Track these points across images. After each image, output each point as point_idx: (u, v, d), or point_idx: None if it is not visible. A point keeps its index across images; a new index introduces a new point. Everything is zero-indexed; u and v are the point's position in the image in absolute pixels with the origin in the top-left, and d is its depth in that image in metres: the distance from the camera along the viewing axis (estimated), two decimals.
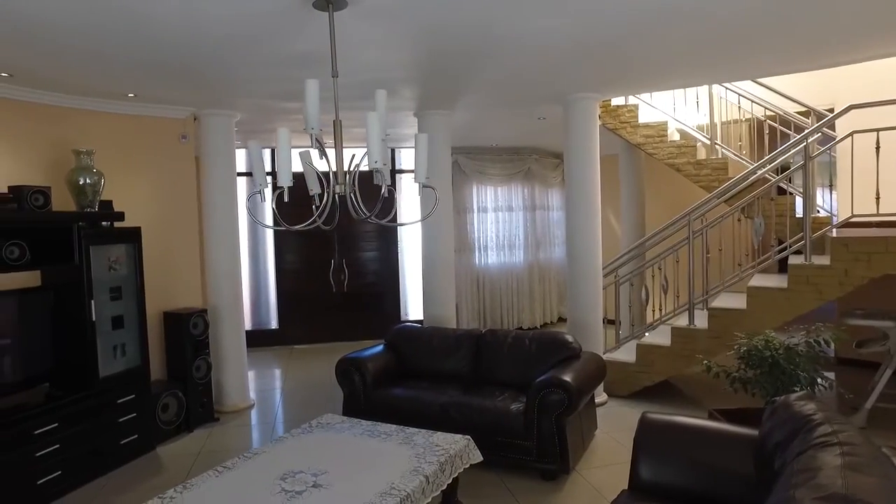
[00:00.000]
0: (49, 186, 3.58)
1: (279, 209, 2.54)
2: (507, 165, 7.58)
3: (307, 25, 2.92)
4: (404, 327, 4.74)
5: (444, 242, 5.27)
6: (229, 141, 5.04)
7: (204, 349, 4.67)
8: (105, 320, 3.84)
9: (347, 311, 7.53)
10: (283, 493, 2.53)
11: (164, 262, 4.67)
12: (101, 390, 3.76)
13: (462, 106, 5.06)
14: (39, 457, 3.37)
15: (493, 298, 7.66)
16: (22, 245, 3.40)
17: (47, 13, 2.64)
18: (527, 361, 4.07)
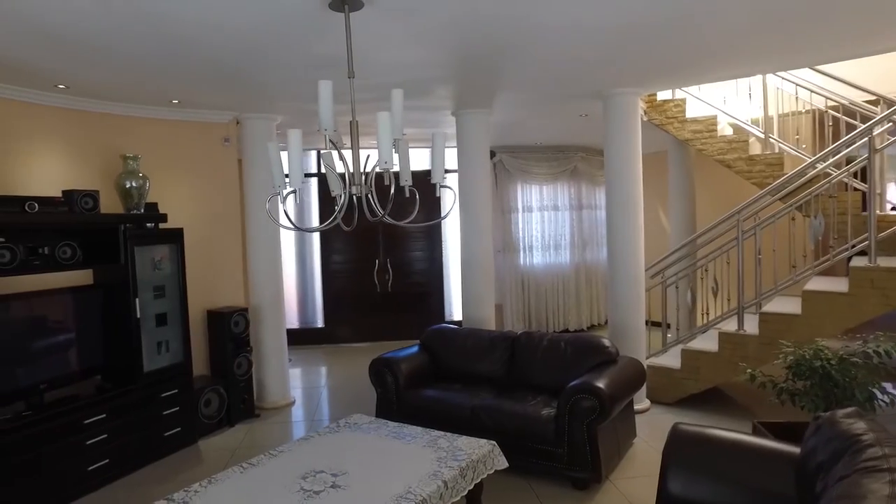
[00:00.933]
0: (97, 190, 3.77)
1: (322, 208, 2.55)
2: (552, 164, 7.42)
3: (332, 28, 2.94)
4: (439, 328, 4.71)
5: (483, 242, 5.20)
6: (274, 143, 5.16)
7: (245, 347, 4.80)
8: (149, 317, 4.01)
9: (392, 311, 7.58)
10: (302, 493, 2.55)
11: (208, 261, 4.84)
12: (145, 384, 3.93)
13: (500, 104, 4.98)
14: (90, 445, 3.56)
15: (539, 300, 7.52)
16: (73, 245, 3.60)
17: (99, 31, 2.83)
18: (562, 365, 3.95)
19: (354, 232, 7.32)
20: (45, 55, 3.18)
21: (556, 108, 5.23)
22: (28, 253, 3.38)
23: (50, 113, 3.94)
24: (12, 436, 3.20)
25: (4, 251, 3.26)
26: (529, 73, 4.00)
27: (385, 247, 7.61)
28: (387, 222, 2.65)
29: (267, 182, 5.06)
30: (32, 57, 3.20)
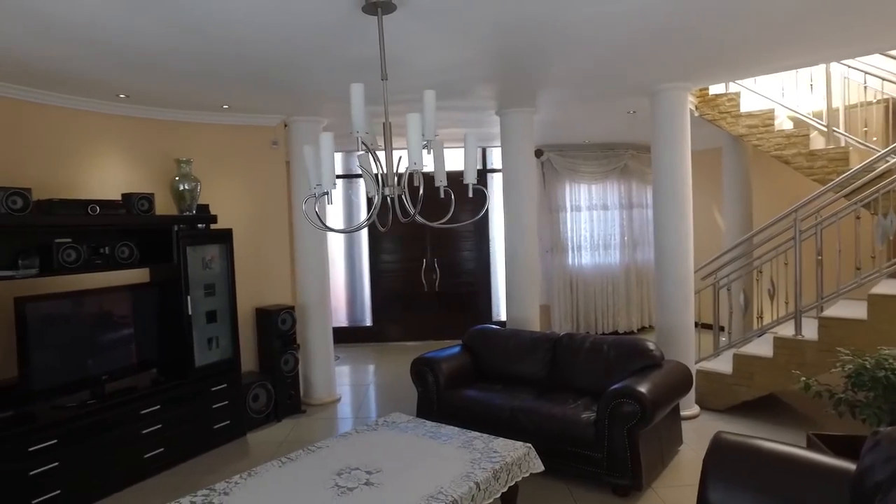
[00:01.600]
0: (153, 193, 3.96)
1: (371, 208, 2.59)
2: (601, 162, 7.26)
3: (371, 31, 2.97)
4: (481, 328, 4.69)
5: (527, 242, 5.14)
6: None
7: (291, 344, 4.94)
8: (200, 314, 4.18)
9: (439, 310, 7.61)
10: (336, 489, 2.59)
11: (257, 260, 5.00)
12: (196, 378, 4.10)
13: (544, 103, 4.91)
14: (145, 434, 3.76)
15: (588, 300, 7.37)
16: (130, 245, 3.80)
17: (158, 46, 3.04)
18: (604, 368, 3.86)
19: (402, 232, 7.45)
20: (109, 68, 3.39)
21: (602, 106, 5.11)
22: (91, 252, 3.60)
23: (112, 120, 4.18)
24: (79, 422, 3.42)
25: (70, 251, 3.48)
26: (570, 71, 3.92)
27: (433, 246, 7.66)
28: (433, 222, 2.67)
29: (306, 181, 5.23)
30: (98, 70, 3.42)
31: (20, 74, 3.45)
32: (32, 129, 3.77)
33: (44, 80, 3.57)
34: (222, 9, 2.59)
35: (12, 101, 3.65)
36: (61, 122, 3.91)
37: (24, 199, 3.23)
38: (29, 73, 3.43)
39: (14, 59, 3.16)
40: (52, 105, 3.85)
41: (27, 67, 3.31)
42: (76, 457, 3.38)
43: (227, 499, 2.55)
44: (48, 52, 3.06)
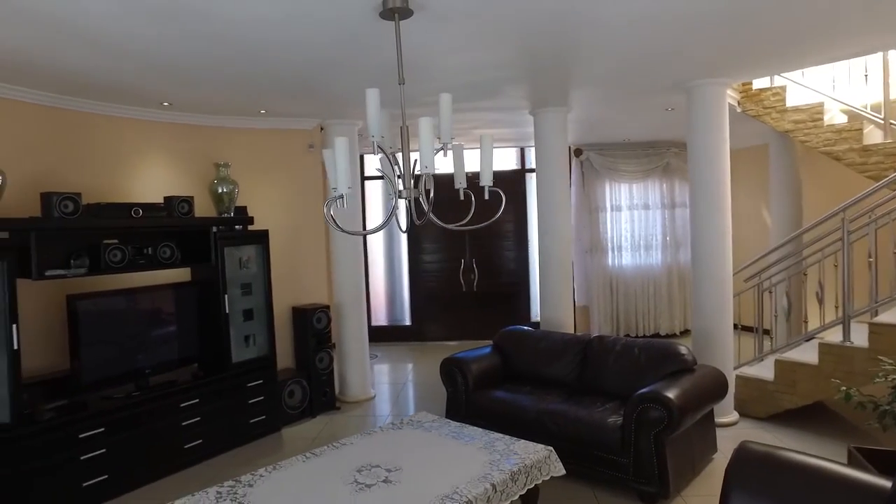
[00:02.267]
0: (192, 196, 4.14)
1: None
2: (642, 161, 7.08)
3: (392, 36, 3.01)
4: (512, 329, 4.67)
5: (560, 243, 5.09)
6: (353, 148, 5.40)
7: (326, 342, 5.06)
8: (237, 313, 4.35)
9: (477, 310, 7.62)
10: (354, 485, 2.65)
11: (294, 260, 5.15)
12: (233, 374, 4.26)
13: (578, 101, 4.84)
14: (184, 426, 3.94)
15: (628, 302, 7.21)
16: (171, 246, 3.99)
17: (200, 60, 3.24)
18: (635, 372, 3.78)
19: (441, 232, 7.47)
20: (153, 79, 3.60)
21: (638, 103, 4.99)
22: (135, 253, 3.80)
23: (156, 127, 4.40)
24: (124, 412, 3.63)
25: (116, 251, 3.69)
26: (601, 68, 3.85)
27: (471, 247, 7.67)
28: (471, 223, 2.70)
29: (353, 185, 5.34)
30: (143, 81, 3.63)
31: (72, 87, 3.68)
32: (83, 137, 4.01)
33: (94, 92, 3.80)
34: (245, 18, 2.69)
35: (64, 112, 3.90)
36: (110, 130, 4.15)
37: (75, 203, 3.44)
38: (80, 86, 3.66)
39: (66, 74, 3.39)
40: (101, 114, 4.09)
41: (79, 81, 3.54)
42: (122, 445, 3.58)
43: (251, 490, 2.65)
44: (98, 65, 3.27)
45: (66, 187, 3.77)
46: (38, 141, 3.76)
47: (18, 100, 3.65)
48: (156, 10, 2.52)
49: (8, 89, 3.56)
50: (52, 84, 3.60)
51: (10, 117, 3.63)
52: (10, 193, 3.46)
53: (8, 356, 3.13)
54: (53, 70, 3.32)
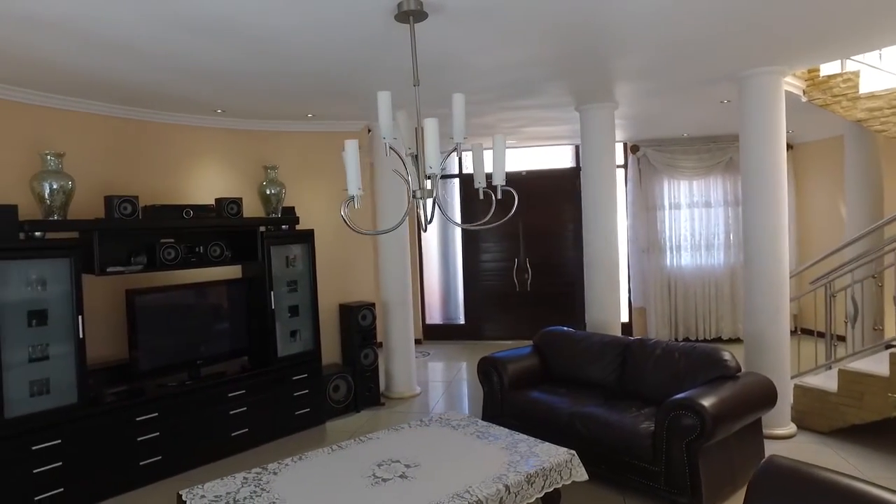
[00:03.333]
0: (241, 197, 4.38)
1: (470, 207, 2.71)
2: (703, 156, 6.74)
3: (419, 38, 3.06)
4: (553, 330, 4.60)
5: (608, 243, 4.95)
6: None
7: (371, 339, 5.18)
8: (283, 309, 4.54)
9: (532, 309, 7.54)
10: (372, 478, 2.71)
11: (341, 259, 5.32)
12: (278, 367, 4.46)
13: (625, 96, 4.70)
14: (232, 415, 4.17)
15: (687, 304, 6.89)
16: (221, 245, 4.23)
17: (249, 71, 3.48)
18: (674, 377, 3.63)
19: (496, 231, 7.47)
20: (208, 90, 3.89)
21: (690, 97, 4.76)
22: (187, 251, 4.07)
23: (209, 133, 4.69)
24: (177, 399, 3.90)
25: (170, 250, 3.96)
26: (640, 61, 3.71)
27: (525, 246, 7.61)
28: (526, 222, 2.70)
29: (395, 185, 5.45)
30: (198, 92, 3.92)
31: (136, 99, 4.01)
32: (145, 143, 4.34)
33: (155, 102, 4.11)
34: (273, 27, 2.82)
35: (129, 121, 4.23)
36: (169, 136, 4.47)
37: (133, 205, 3.73)
38: (143, 98, 3.98)
39: (130, 88, 3.71)
40: (161, 122, 4.41)
41: (141, 93, 3.85)
42: (174, 429, 3.85)
43: (275, 478, 2.77)
44: (156, 79, 3.56)
45: (129, 191, 4.10)
46: (106, 148, 4.11)
47: (90, 112, 4.01)
48: (191, 25, 2.70)
49: (81, 103, 3.92)
50: (118, 97, 3.93)
51: (83, 128, 3.99)
52: (82, 197, 3.81)
53: (74, 344, 3.44)
54: (119, 85, 3.63)
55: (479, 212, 7.71)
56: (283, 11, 2.61)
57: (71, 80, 3.50)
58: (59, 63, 3.19)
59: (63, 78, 3.46)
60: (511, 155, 7.61)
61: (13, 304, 3.26)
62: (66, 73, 3.38)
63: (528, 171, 7.50)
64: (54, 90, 3.71)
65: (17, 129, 3.67)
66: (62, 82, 3.55)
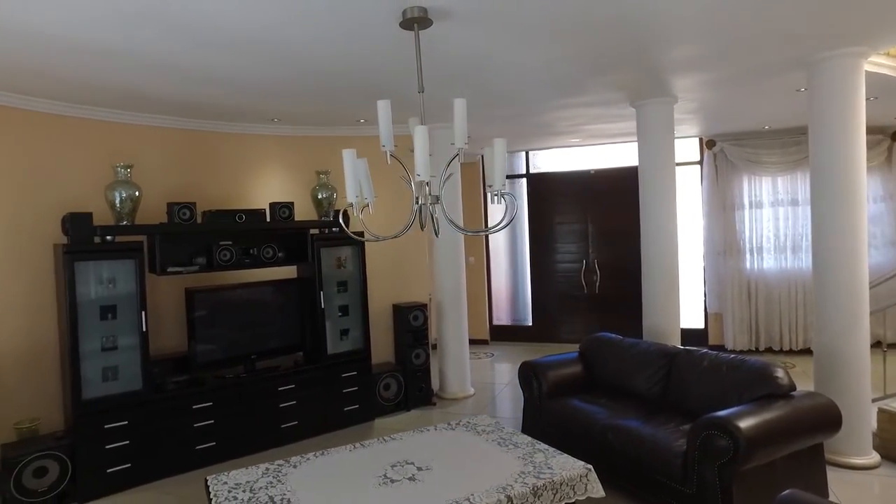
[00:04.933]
0: (293, 201, 4.61)
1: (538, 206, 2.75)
2: (789, 150, 6.14)
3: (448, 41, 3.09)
4: (599, 336, 4.43)
5: (666, 244, 4.68)
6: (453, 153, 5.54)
7: (423, 339, 5.26)
8: (333, 308, 4.73)
9: (600, 313, 7.30)
10: (382, 478, 2.78)
11: (394, 260, 5.44)
12: (328, 364, 4.66)
13: (684, 89, 4.40)
14: (282, 408, 4.42)
15: (769, 311, 6.33)
16: (273, 247, 4.49)
17: (302, 83, 3.74)
18: (719, 393, 3.36)
19: (564, 233, 7.29)
20: (261, 101, 4.17)
21: (758, 86, 4.36)
22: (241, 253, 4.36)
23: (266, 140, 4.98)
24: (231, 390, 4.20)
25: (226, 251, 4.27)
26: (692, 51, 3.45)
27: (594, 247, 7.36)
28: (595, 223, 2.68)
29: (448, 186, 5.48)
30: (253, 103, 4.21)
31: (198, 112, 4.36)
32: (205, 152, 4.70)
33: (216, 114, 4.45)
34: (302, 40, 2.96)
35: (192, 132, 4.62)
36: (226, 144, 4.81)
37: (191, 210, 4.06)
38: (204, 110, 4.32)
39: (192, 103, 4.05)
40: (221, 132, 4.76)
41: (202, 106, 4.19)
42: (228, 418, 4.15)
43: (293, 471, 2.92)
44: (213, 93, 3.87)
45: (192, 197, 4.45)
46: (171, 158, 4.50)
47: (158, 126, 4.41)
48: (225, 44, 2.91)
49: (149, 118, 4.33)
50: (181, 110, 4.30)
51: (151, 140, 4.40)
52: (151, 203, 4.21)
53: (139, 337, 3.82)
54: (181, 100, 3.99)
55: (549, 211, 7.56)
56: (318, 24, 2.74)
57: (138, 98, 3.88)
58: (127, 84, 3.55)
59: (132, 96, 3.85)
60: (577, 153, 7.38)
61: (88, 299, 3.67)
62: (133, 93, 3.76)
63: (595, 171, 7.24)
64: (126, 107, 4.13)
65: (94, 144, 4.12)
66: (131, 100, 3.94)
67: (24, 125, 3.81)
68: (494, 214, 8.04)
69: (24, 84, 3.51)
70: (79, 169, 4.03)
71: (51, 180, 3.93)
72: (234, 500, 2.61)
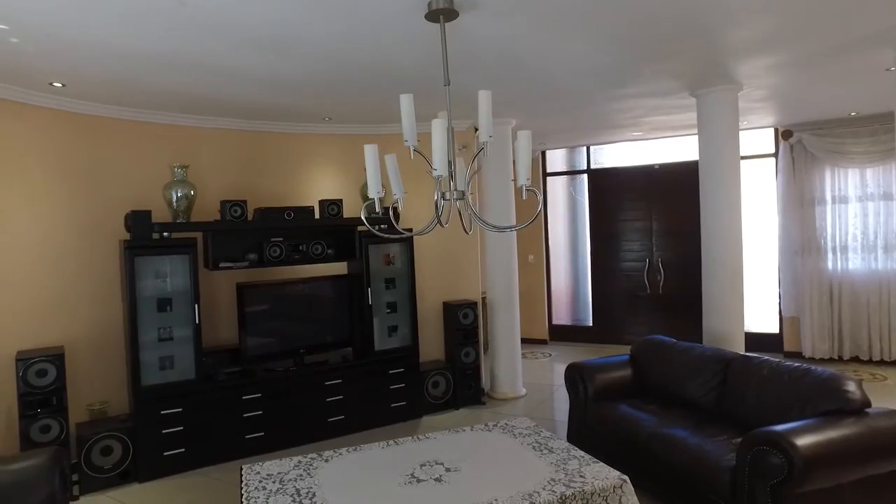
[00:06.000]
0: (341, 199, 4.67)
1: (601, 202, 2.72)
2: (879, 138, 5.54)
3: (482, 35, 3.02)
4: (651, 339, 4.20)
5: (729, 243, 4.38)
6: (507, 147, 5.44)
7: (473, 338, 5.20)
8: (381, 305, 4.76)
9: (663, 314, 6.95)
10: (409, 477, 2.75)
11: (445, 258, 5.40)
12: (375, 360, 4.69)
13: (750, 74, 4.07)
14: (329, 402, 4.50)
15: (856, 316, 5.76)
16: (322, 244, 4.57)
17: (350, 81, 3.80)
18: (780, 404, 3.09)
19: (626, 230, 7.02)
20: (311, 101, 4.28)
21: (840, 66, 3.95)
22: (291, 249, 4.47)
23: (317, 139, 5.08)
24: (279, 383, 4.33)
25: (276, 248, 4.39)
26: (753, 32, 3.17)
27: (658, 246, 7.02)
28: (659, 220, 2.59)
29: (501, 184, 5.39)
30: (305, 103, 4.33)
31: (253, 113, 4.53)
32: (258, 151, 4.85)
33: (270, 115, 4.59)
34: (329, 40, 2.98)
35: (247, 133, 4.78)
36: (279, 144, 4.94)
37: (242, 208, 4.21)
38: (260, 112, 4.49)
39: (246, 104, 4.22)
40: (275, 132, 4.90)
41: (257, 108, 4.36)
42: (276, 409, 4.28)
43: (324, 465, 2.94)
44: (262, 93, 4.00)
45: (244, 195, 4.61)
46: (226, 157, 4.69)
47: (212, 127, 4.61)
48: (258, 43, 2.98)
49: (202, 119, 4.53)
50: (238, 112, 4.48)
51: (207, 141, 4.61)
52: (208, 201, 4.40)
53: (193, 328, 4.00)
54: (232, 102, 4.15)
55: (611, 207, 7.28)
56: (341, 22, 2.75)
57: (198, 101, 4.07)
58: (180, 87, 3.74)
59: (190, 100, 4.04)
60: (641, 147, 7.04)
61: (147, 292, 3.89)
62: (192, 97, 3.96)
63: (660, 165, 6.88)
64: (183, 111, 4.34)
65: (154, 146, 4.35)
66: (189, 103, 4.14)
67: (94, 130, 4.09)
68: (555, 208, 7.85)
69: (95, 92, 3.78)
70: (142, 169, 4.28)
71: (118, 180, 4.19)
72: (262, 490, 2.67)
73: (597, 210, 7.44)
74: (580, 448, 3.86)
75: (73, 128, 3.99)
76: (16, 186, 3.73)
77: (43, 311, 3.84)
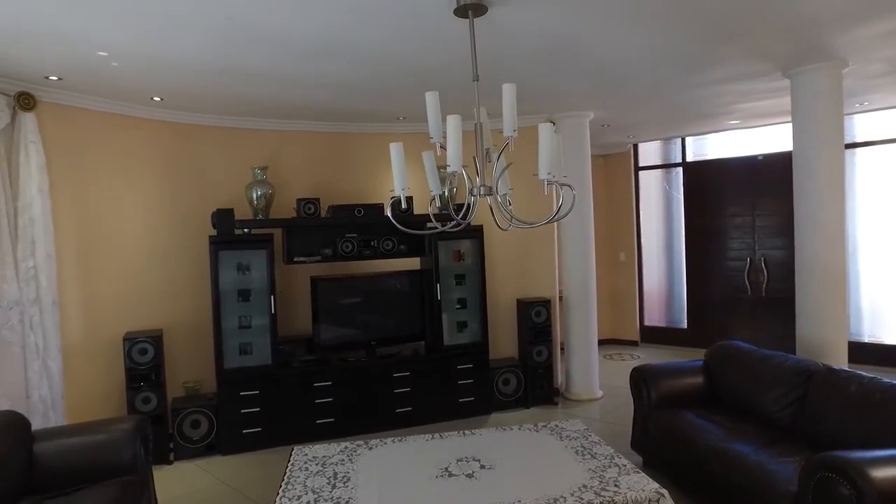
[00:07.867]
0: (411, 196, 4.76)
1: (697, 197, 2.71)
2: None
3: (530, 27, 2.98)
4: (728, 344, 3.88)
5: (829, 240, 3.93)
6: (584, 141, 5.26)
7: (546, 336, 5.09)
8: (451, 301, 4.82)
9: (766, 316, 6.33)
10: (442, 471, 2.79)
11: (519, 255, 5.35)
12: (443, 355, 4.76)
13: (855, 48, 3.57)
14: (397, 393, 4.64)
15: None
16: (392, 240, 4.72)
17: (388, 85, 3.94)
18: (870, 425, 2.74)
19: (726, 226, 6.53)
20: (386, 103, 4.45)
21: None
22: (363, 245, 4.66)
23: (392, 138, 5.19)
24: (348, 372, 4.55)
25: (347, 243, 4.61)
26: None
27: (762, 244, 6.41)
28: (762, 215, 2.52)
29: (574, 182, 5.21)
30: (379, 106, 4.50)
31: (333, 116, 4.78)
32: (336, 151, 5.10)
33: (347, 117, 4.83)
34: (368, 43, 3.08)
35: (327, 134, 5.05)
36: (355, 144, 5.15)
37: (315, 206, 4.47)
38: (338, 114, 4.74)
39: (326, 108, 4.48)
40: (351, 133, 5.12)
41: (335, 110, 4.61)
42: (345, 397, 4.49)
43: (367, 453, 3.07)
44: (339, 97, 4.21)
45: (320, 193, 4.87)
46: (303, 158, 4.99)
47: (296, 130, 4.92)
48: (304, 51, 3.15)
49: (288, 123, 4.86)
50: (315, 116, 4.76)
51: (294, 143, 4.93)
52: (288, 199, 4.71)
53: (269, 318, 4.32)
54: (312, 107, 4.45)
55: (709, 202, 6.75)
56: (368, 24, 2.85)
57: (276, 107, 4.40)
58: (265, 97, 4.09)
59: (269, 107, 4.37)
60: (742, 136, 6.45)
61: (229, 284, 4.26)
62: (270, 104, 4.29)
63: (764, 156, 6.26)
64: (265, 116, 4.68)
65: (238, 149, 4.73)
66: (269, 110, 4.47)
67: (189, 137, 4.55)
68: (648, 204, 7.43)
69: (188, 104, 4.23)
70: (231, 171, 4.67)
71: (210, 181, 4.62)
72: (304, 471, 2.84)
73: (692, 205, 6.94)
74: (640, 456, 3.73)
75: (172, 135, 4.46)
76: (130, 190, 4.26)
77: (149, 299, 4.34)
